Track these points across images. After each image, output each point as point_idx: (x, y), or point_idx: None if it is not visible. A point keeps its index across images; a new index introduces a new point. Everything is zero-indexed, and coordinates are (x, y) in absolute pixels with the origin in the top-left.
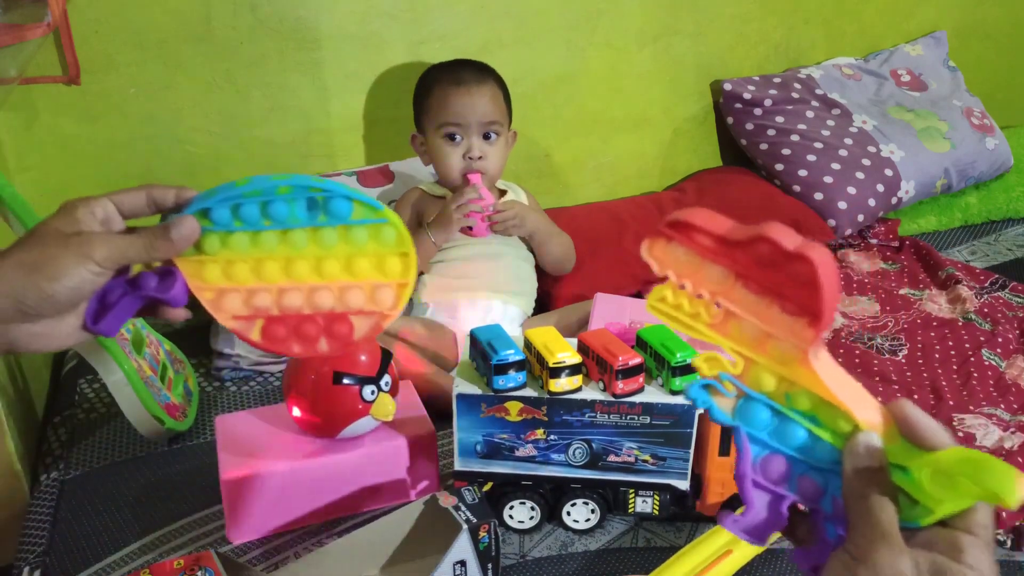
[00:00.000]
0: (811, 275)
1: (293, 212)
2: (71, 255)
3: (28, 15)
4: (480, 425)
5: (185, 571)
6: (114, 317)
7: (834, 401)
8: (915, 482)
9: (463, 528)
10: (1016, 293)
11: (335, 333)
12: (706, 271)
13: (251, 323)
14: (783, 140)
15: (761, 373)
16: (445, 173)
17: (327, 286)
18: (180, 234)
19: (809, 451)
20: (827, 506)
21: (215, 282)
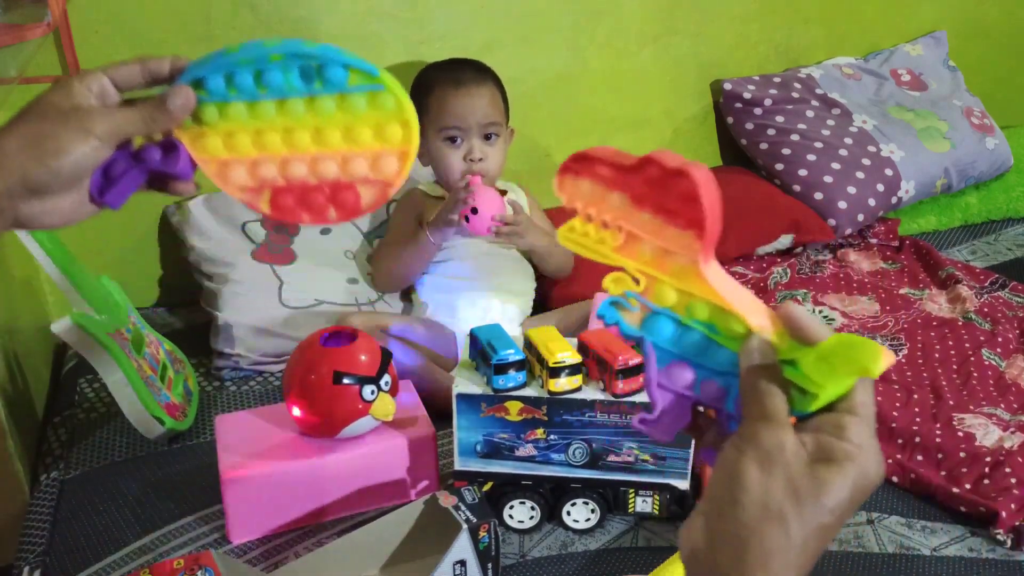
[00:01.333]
0: (693, 190)
1: (288, 80)
2: (71, 130)
3: (28, 15)
4: (480, 425)
5: (185, 571)
6: (119, 190)
7: (728, 308)
8: (801, 372)
9: (463, 528)
10: (1016, 293)
11: (342, 202)
12: (608, 199)
13: (259, 194)
14: (783, 140)
15: (662, 288)
16: (445, 175)
17: (330, 155)
18: (175, 104)
19: (710, 356)
20: (730, 406)
21: (217, 153)
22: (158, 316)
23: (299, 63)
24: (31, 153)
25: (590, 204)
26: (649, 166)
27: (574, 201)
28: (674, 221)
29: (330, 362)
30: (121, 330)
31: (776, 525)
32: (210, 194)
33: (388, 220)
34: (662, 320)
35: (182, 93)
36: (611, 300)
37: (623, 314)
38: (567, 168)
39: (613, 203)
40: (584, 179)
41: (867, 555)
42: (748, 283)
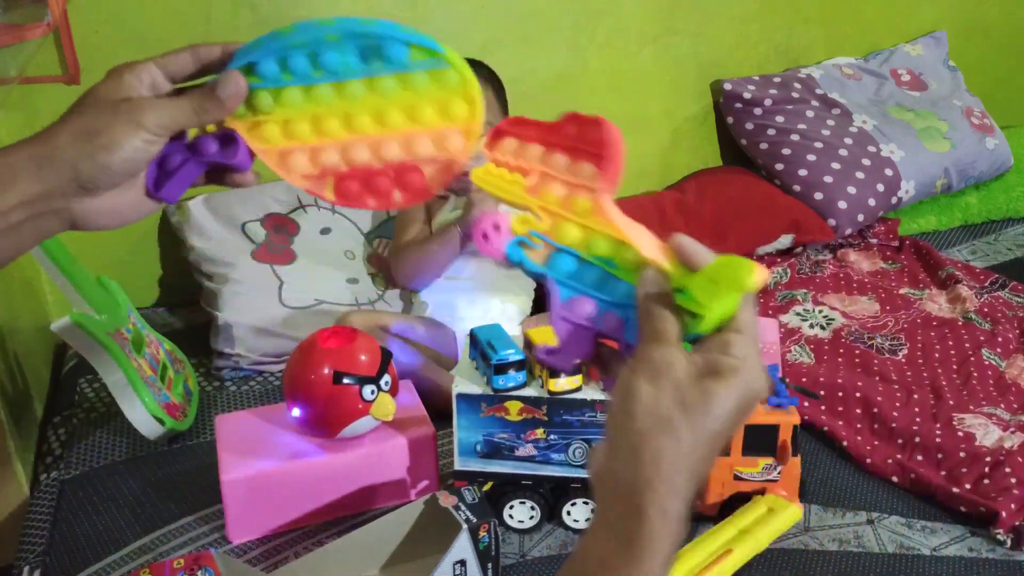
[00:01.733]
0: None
1: (346, 61)
2: (121, 123)
3: (28, 15)
4: (480, 425)
5: (185, 571)
6: (176, 182)
7: (625, 240)
8: (690, 296)
9: (463, 528)
10: (1016, 293)
11: (408, 184)
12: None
13: (323, 181)
14: (783, 140)
15: (566, 227)
16: None
17: (393, 136)
18: (227, 91)
19: (610, 290)
20: (630, 337)
21: (276, 143)
22: (158, 316)
23: (357, 42)
24: (82, 148)
25: (514, 156)
26: (568, 122)
27: (497, 155)
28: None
29: (330, 362)
30: (121, 330)
31: (666, 431)
32: (210, 194)
33: (390, 220)
34: (564, 257)
35: (232, 79)
36: (517, 240)
37: (527, 252)
38: (498, 130)
39: (533, 153)
40: (511, 138)
41: (867, 555)
42: None
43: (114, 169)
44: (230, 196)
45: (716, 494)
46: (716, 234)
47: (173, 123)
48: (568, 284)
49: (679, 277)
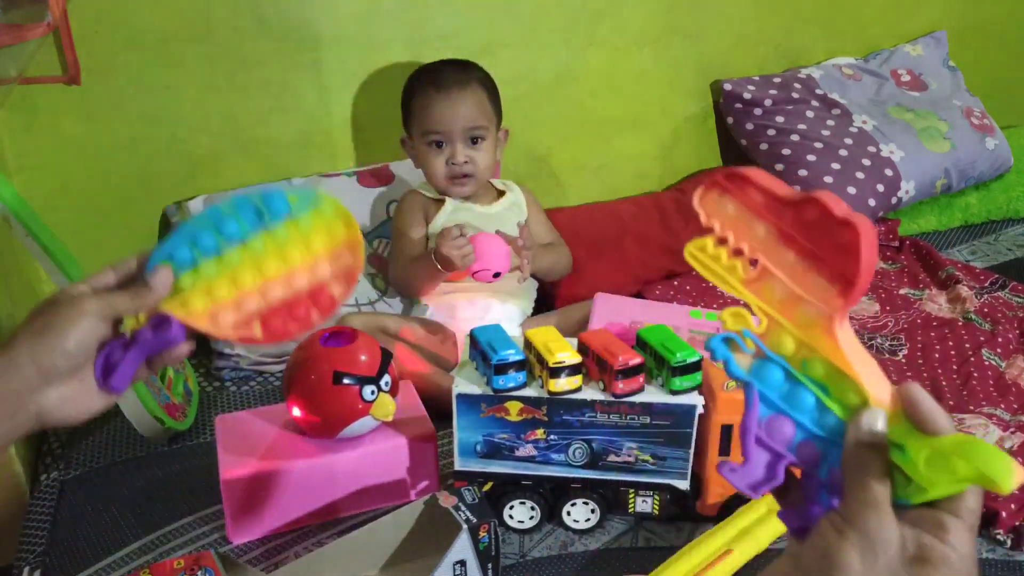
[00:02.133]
0: (853, 243)
1: (242, 225)
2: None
3: (28, 15)
4: (480, 425)
5: (185, 571)
6: (120, 373)
7: (849, 373)
8: (912, 462)
9: (463, 528)
10: (1016, 293)
11: (321, 303)
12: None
13: (250, 327)
14: (783, 140)
15: (783, 335)
16: (431, 179)
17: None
18: (157, 280)
19: (815, 418)
20: (823, 473)
21: (205, 309)
22: None
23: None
24: (37, 341)
25: (730, 227)
26: (809, 205)
27: (713, 220)
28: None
29: (330, 362)
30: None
31: None
32: (210, 194)
33: (390, 220)
34: (774, 369)
35: (160, 272)
36: (725, 336)
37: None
38: (716, 184)
39: (757, 233)
40: (731, 200)
41: None
42: None
43: (69, 351)
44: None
45: (716, 494)
46: None
47: (113, 309)
48: (771, 400)
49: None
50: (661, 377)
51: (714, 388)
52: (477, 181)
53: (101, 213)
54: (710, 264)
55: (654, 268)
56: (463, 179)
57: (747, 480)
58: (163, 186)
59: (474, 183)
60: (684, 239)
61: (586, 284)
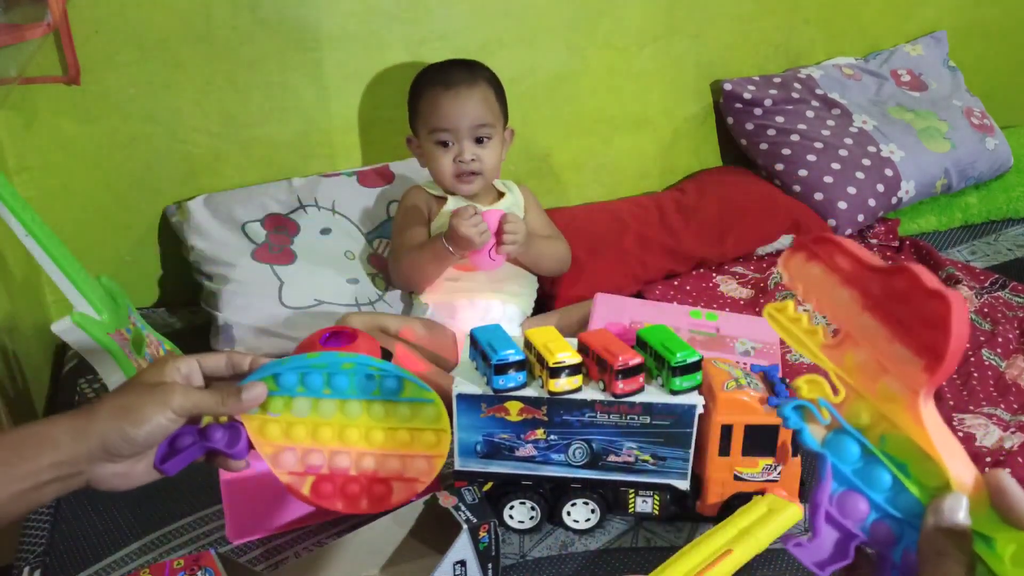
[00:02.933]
0: (943, 317)
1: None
2: (154, 403)
3: (28, 15)
4: (480, 425)
5: (185, 571)
6: (179, 460)
7: (931, 453)
8: (997, 555)
9: (463, 528)
10: (1016, 293)
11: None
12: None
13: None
14: (783, 140)
15: (861, 407)
16: (438, 177)
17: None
18: (250, 395)
19: (891, 498)
20: (897, 556)
21: (275, 440)
22: (158, 316)
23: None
24: (115, 422)
25: (814, 290)
26: (900, 275)
27: (797, 282)
28: (905, 340)
29: None
30: (121, 330)
31: None
32: (210, 194)
33: (390, 220)
34: (849, 441)
35: (257, 388)
36: (799, 403)
37: (808, 422)
38: (802, 247)
39: (840, 298)
40: (818, 264)
41: None
42: (748, 283)
43: (138, 442)
44: (230, 196)
45: (716, 494)
46: (716, 234)
47: (195, 408)
48: (845, 475)
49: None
50: (661, 377)
51: (714, 388)
52: (484, 179)
53: (101, 213)
54: (789, 327)
55: (654, 268)
56: (470, 176)
57: (815, 557)
58: (163, 186)
59: (481, 181)
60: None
61: (586, 284)
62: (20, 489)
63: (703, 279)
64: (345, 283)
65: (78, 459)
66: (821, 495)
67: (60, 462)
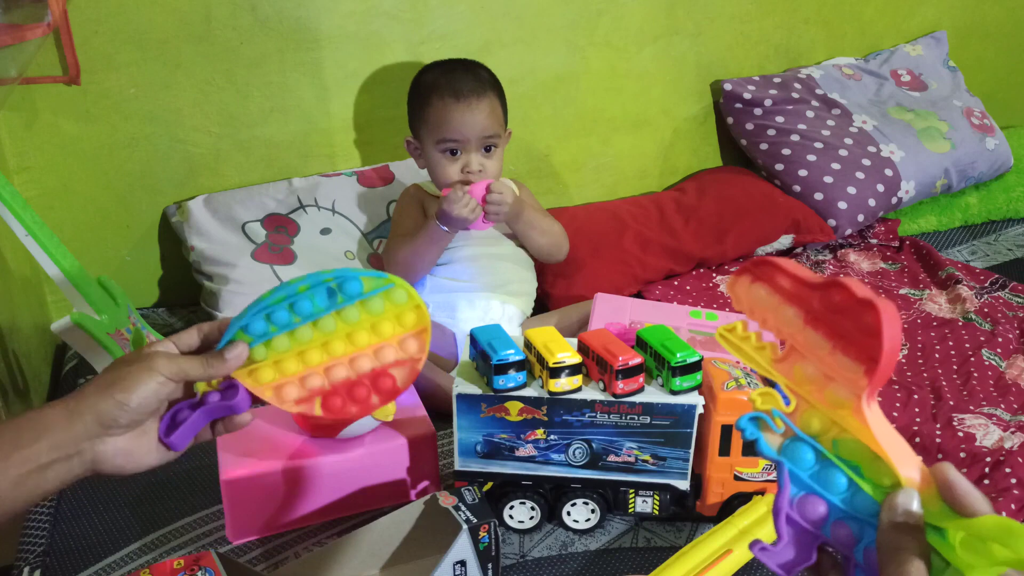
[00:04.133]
0: (876, 325)
1: (316, 304)
2: (140, 370)
3: (28, 15)
4: (480, 425)
5: (185, 571)
6: (184, 431)
7: (879, 453)
8: (949, 544)
9: (463, 528)
10: (1016, 293)
11: (382, 388)
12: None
13: (311, 403)
14: (783, 140)
15: (812, 415)
16: (442, 184)
17: (363, 352)
18: (232, 353)
19: (848, 499)
20: (859, 555)
21: (271, 381)
22: (158, 316)
23: (322, 287)
24: (104, 393)
25: (760, 311)
26: (835, 289)
27: (743, 304)
28: (846, 349)
29: None
30: (121, 330)
31: None
32: (210, 194)
33: (390, 220)
34: (805, 449)
35: (237, 346)
36: (754, 415)
37: (764, 432)
38: (746, 270)
39: (785, 316)
40: (761, 285)
41: None
42: None
43: (131, 406)
44: (230, 196)
45: (716, 494)
46: (716, 234)
47: (183, 372)
48: (803, 480)
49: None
50: (661, 377)
51: (714, 388)
52: None
53: (101, 213)
54: (740, 345)
55: (654, 268)
56: None
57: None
58: (163, 186)
59: None
60: (684, 239)
61: (586, 284)
62: (20, 473)
63: (703, 279)
64: None
65: (76, 437)
66: (781, 500)
67: (57, 443)
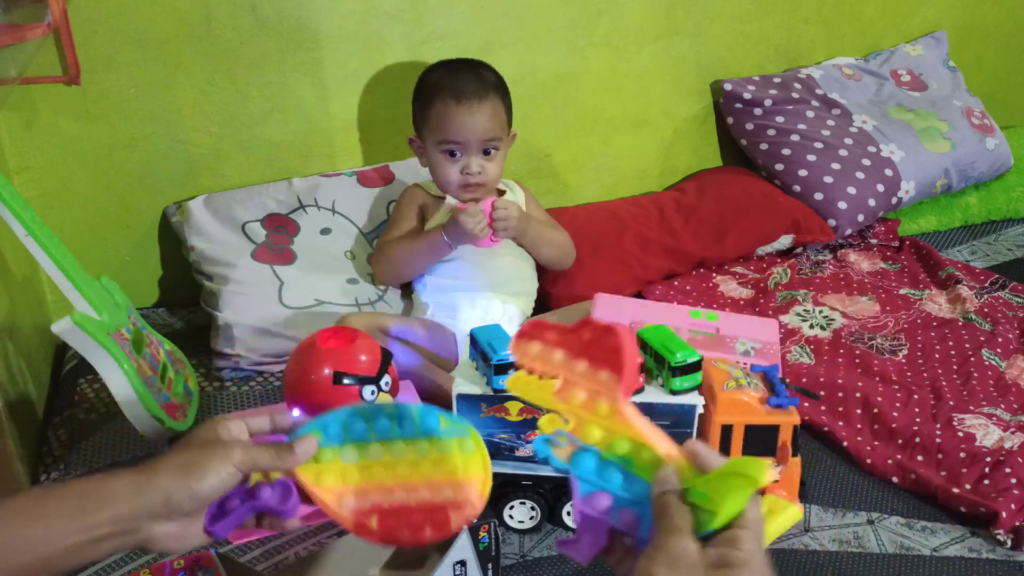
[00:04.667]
0: (617, 343)
1: (394, 427)
2: (216, 458)
3: (28, 15)
4: (480, 425)
5: (185, 571)
6: (228, 522)
7: (642, 441)
8: (702, 494)
9: (463, 528)
10: (1016, 293)
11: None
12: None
13: (368, 517)
14: (783, 140)
15: (591, 428)
16: (442, 185)
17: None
18: (302, 448)
19: (627, 487)
20: (644, 533)
21: (334, 485)
22: (158, 316)
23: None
24: (178, 477)
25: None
26: (585, 328)
27: (524, 359)
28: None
29: (330, 362)
30: (121, 330)
31: None
32: (210, 194)
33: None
34: (587, 455)
35: (308, 440)
36: (544, 437)
37: (554, 449)
38: (521, 335)
39: (556, 358)
40: (534, 342)
41: (867, 555)
42: (748, 283)
43: (201, 497)
44: (230, 196)
45: None
46: (716, 234)
47: (255, 463)
48: (588, 480)
49: (692, 478)
50: (661, 377)
51: (714, 388)
52: (487, 189)
53: (101, 213)
54: (526, 389)
55: (654, 268)
56: (475, 187)
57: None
58: (163, 186)
59: (484, 191)
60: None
61: (586, 284)
62: (76, 543)
63: (703, 279)
64: (345, 283)
65: (138, 514)
66: (576, 500)
67: (119, 517)
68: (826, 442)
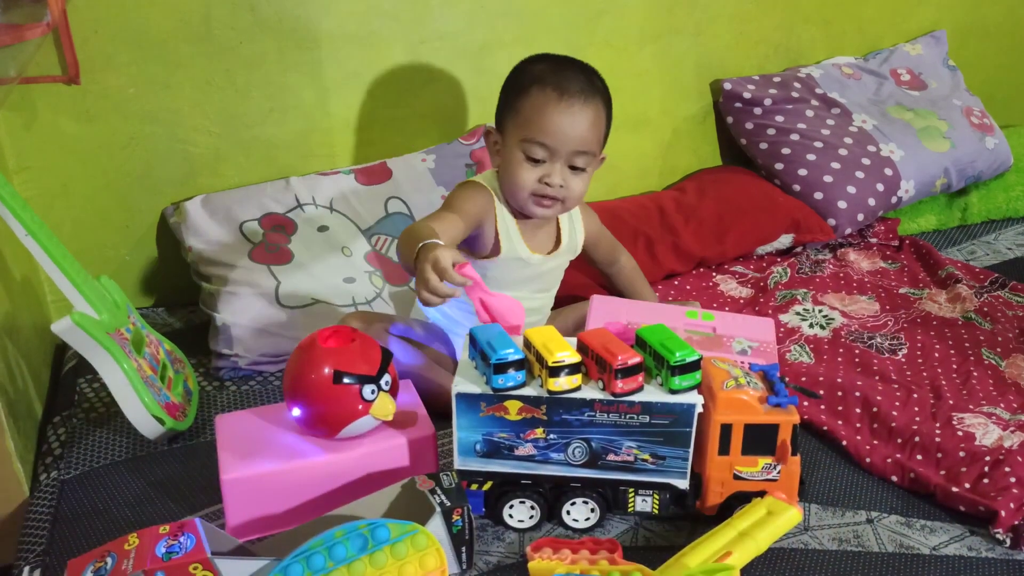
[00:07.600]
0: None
1: (349, 550)
2: None
3: (28, 15)
4: (480, 424)
5: (169, 536)
6: None
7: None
8: None
9: (436, 511)
10: (1016, 292)
11: None
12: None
13: None
14: (783, 140)
15: None
16: (512, 189)
17: None
18: None
19: None
20: None
21: None
22: (157, 316)
23: (356, 534)
24: None
25: None
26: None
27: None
28: None
29: (330, 362)
30: (121, 330)
31: None
32: (208, 194)
33: (388, 217)
34: None
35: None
36: None
37: None
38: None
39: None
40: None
41: (867, 554)
42: (748, 283)
43: None
44: (227, 196)
45: (716, 494)
46: (716, 233)
47: None
48: None
49: None
50: (660, 376)
51: (714, 387)
52: (564, 208)
53: (100, 213)
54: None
55: (654, 268)
56: (551, 202)
57: None
58: (163, 186)
59: (560, 208)
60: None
61: (585, 284)
62: None
63: (703, 279)
64: (342, 282)
65: None
66: None
67: None
68: (825, 441)
